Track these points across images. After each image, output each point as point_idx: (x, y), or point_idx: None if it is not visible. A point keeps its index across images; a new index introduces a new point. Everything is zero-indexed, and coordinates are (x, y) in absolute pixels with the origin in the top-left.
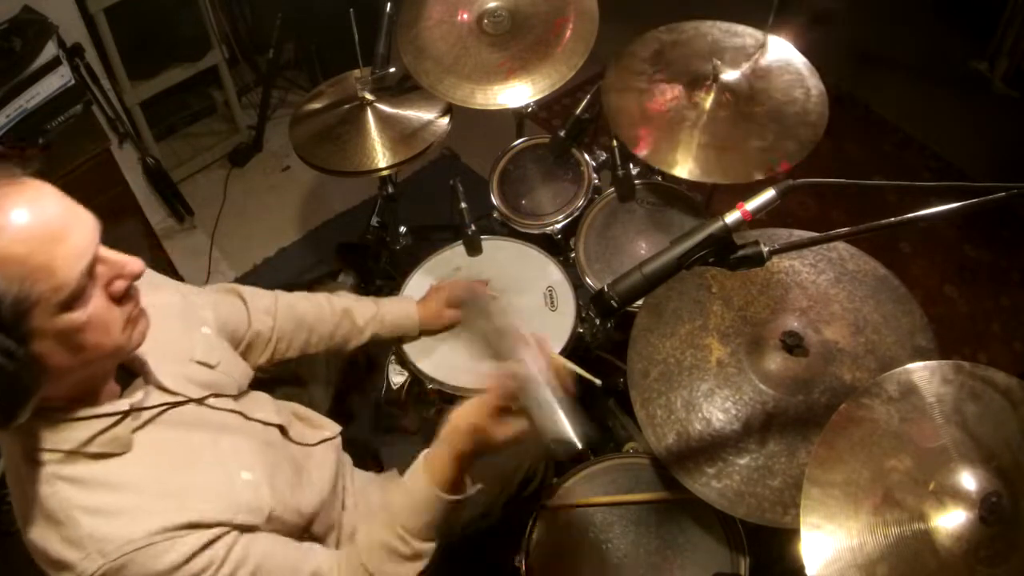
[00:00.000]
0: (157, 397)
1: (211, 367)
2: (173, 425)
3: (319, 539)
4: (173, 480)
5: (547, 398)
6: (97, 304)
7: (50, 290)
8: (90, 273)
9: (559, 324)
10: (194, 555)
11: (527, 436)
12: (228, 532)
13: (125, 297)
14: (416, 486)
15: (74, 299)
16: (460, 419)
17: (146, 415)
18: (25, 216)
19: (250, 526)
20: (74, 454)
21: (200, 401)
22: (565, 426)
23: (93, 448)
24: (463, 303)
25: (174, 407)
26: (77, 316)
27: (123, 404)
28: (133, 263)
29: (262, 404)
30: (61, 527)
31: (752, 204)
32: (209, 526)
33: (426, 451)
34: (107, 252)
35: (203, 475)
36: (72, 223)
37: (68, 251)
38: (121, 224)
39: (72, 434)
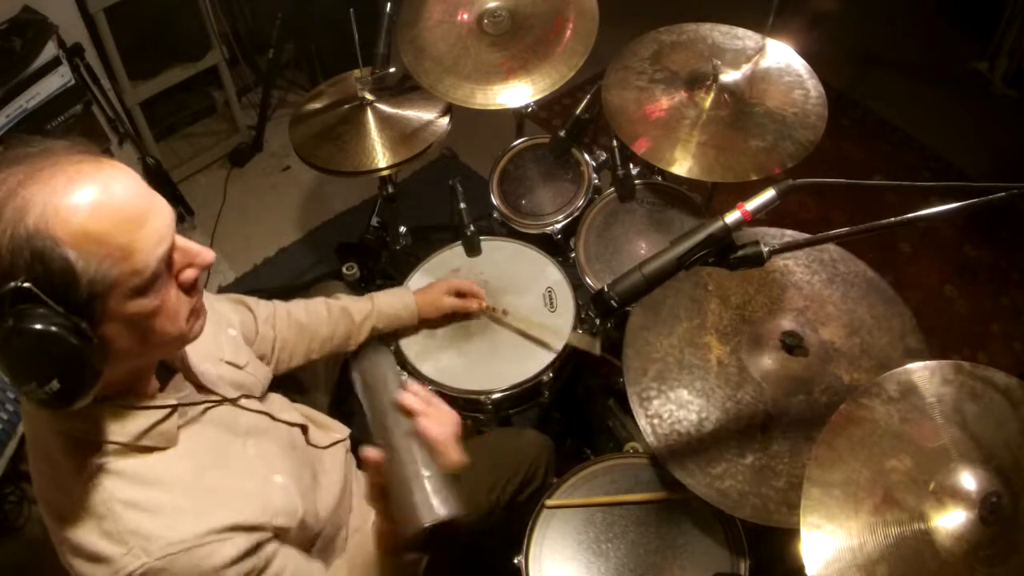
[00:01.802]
0: (195, 395)
1: (240, 367)
2: (211, 424)
3: (329, 539)
4: (212, 479)
5: (411, 476)
6: (169, 291)
7: (128, 273)
8: (167, 259)
9: (558, 324)
10: (237, 560)
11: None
12: (270, 540)
13: (193, 287)
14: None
15: (150, 284)
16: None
17: (191, 412)
18: (108, 196)
19: (286, 529)
20: (124, 447)
21: (234, 401)
22: (424, 504)
23: (145, 441)
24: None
25: (214, 406)
26: (149, 302)
27: (170, 399)
28: (206, 252)
29: (284, 406)
30: (102, 520)
31: (752, 204)
32: (251, 529)
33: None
34: (181, 240)
35: (239, 477)
36: (152, 206)
37: (148, 234)
38: None
39: (130, 424)
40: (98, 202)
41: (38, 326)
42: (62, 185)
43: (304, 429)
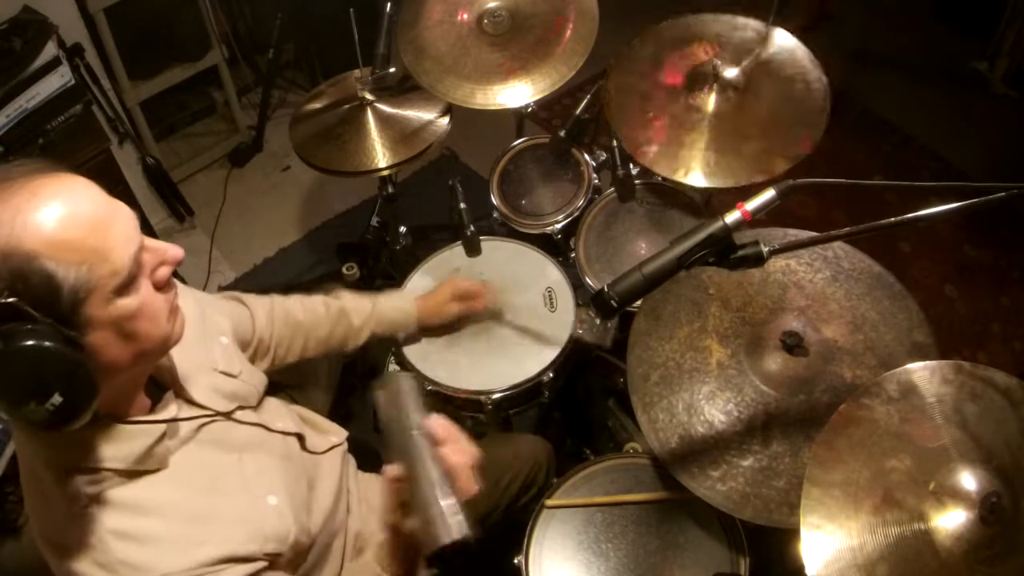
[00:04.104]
0: (188, 412)
1: (233, 376)
2: (203, 444)
3: (324, 546)
4: (204, 505)
5: (430, 498)
6: (145, 291)
7: (107, 275)
8: (138, 259)
9: (558, 324)
10: None
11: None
12: (264, 570)
13: (167, 285)
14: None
15: (129, 283)
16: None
17: (184, 432)
18: (73, 203)
19: (277, 554)
20: (113, 472)
21: (228, 415)
22: (442, 524)
23: (136, 465)
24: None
25: (208, 422)
26: (130, 302)
27: (162, 417)
28: (174, 249)
29: (279, 412)
30: (93, 551)
31: (752, 204)
32: (243, 560)
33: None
34: (149, 240)
35: (232, 501)
36: (115, 210)
37: (118, 234)
38: None
39: (122, 447)
40: (65, 211)
41: (31, 342)
42: (25, 201)
43: (300, 438)
